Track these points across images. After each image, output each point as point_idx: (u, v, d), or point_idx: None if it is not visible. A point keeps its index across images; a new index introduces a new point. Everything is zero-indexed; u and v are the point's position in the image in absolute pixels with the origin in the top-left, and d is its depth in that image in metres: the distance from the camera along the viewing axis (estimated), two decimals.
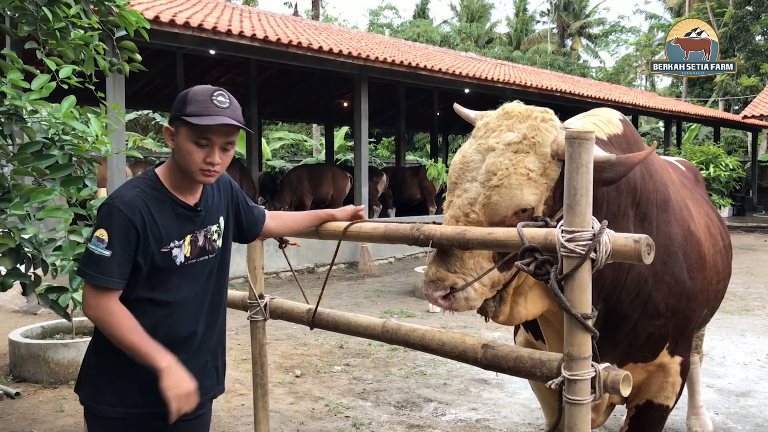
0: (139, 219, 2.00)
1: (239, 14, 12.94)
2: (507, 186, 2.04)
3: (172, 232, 2.08)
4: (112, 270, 1.97)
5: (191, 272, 2.14)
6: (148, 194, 2.06)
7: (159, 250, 2.04)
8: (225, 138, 2.05)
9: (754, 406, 4.84)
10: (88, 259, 1.99)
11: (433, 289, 2.10)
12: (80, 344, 5.31)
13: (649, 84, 47.45)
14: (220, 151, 2.05)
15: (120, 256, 1.98)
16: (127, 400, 2.09)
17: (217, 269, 2.24)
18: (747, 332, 7.15)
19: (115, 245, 1.97)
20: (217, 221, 2.22)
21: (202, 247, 2.16)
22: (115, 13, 2.96)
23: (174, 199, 2.10)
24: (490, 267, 2.08)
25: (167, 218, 2.07)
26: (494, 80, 14.50)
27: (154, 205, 2.05)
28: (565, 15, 46.45)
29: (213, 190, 2.24)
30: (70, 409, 4.75)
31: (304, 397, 5.06)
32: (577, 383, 1.80)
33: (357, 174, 12.74)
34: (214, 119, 1.98)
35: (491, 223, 2.08)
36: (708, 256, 2.57)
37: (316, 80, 17.73)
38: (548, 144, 2.07)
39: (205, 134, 2.01)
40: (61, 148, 2.71)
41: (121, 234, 1.98)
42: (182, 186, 2.11)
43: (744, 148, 31.20)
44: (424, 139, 32.47)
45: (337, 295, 9.42)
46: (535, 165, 2.06)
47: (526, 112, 2.16)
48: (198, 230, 2.15)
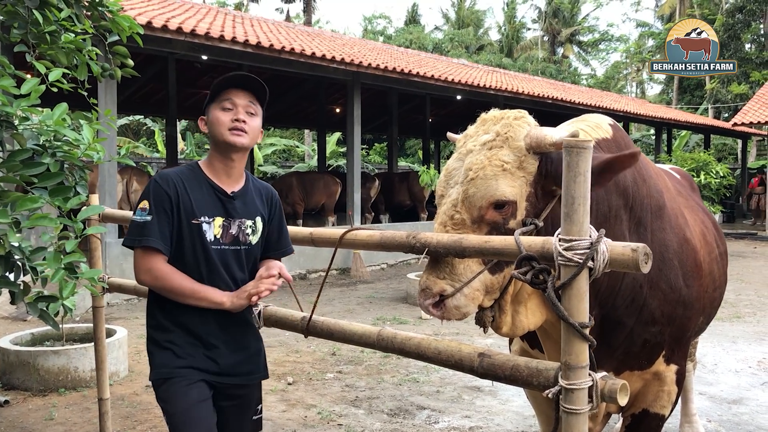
0: (173, 190, 2.25)
1: (231, 20, 12.92)
2: (482, 177, 2.08)
3: (204, 208, 2.28)
4: (155, 232, 2.21)
5: (223, 257, 2.31)
6: (185, 174, 2.32)
7: (190, 221, 2.25)
8: (246, 99, 2.30)
9: (746, 413, 4.84)
10: (134, 228, 2.24)
11: (424, 297, 2.09)
12: (70, 351, 5.26)
13: (640, 91, 47.80)
14: (245, 114, 2.29)
15: (160, 220, 2.22)
16: (172, 361, 2.29)
17: (250, 264, 2.40)
18: (738, 339, 7.17)
19: (155, 212, 2.23)
20: (253, 218, 2.38)
21: (235, 236, 2.33)
22: (108, 19, 2.94)
23: (209, 182, 2.32)
24: (479, 270, 2.06)
25: (200, 195, 2.29)
26: (486, 87, 14.54)
27: (190, 183, 2.30)
28: (555, 22, 46.69)
29: (254, 191, 2.42)
30: (60, 417, 4.70)
31: (296, 404, 5.03)
32: (574, 392, 1.78)
33: (349, 180, 12.73)
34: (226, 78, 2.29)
35: (472, 219, 2.09)
36: (704, 263, 2.57)
37: (308, 86, 17.73)
38: (521, 138, 2.11)
39: (226, 97, 2.28)
40: (52, 155, 2.68)
41: (158, 202, 2.23)
42: (220, 173, 2.33)
43: (734, 156, 31.40)
44: (416, 145, 32.50)
45: (330, 302, 9.38)
46: (510, 158, 2.09)
47: (500, 115, 2.22)
48: (232, 218, 2.32)
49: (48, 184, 2.60)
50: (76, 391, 5.24)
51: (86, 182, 2.73)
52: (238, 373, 2.38)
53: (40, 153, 2.65)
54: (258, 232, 2.39)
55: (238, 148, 2.31)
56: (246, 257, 2.37)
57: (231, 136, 2.27)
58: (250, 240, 2.37)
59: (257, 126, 2.36)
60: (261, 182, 2.52)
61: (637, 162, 2.08)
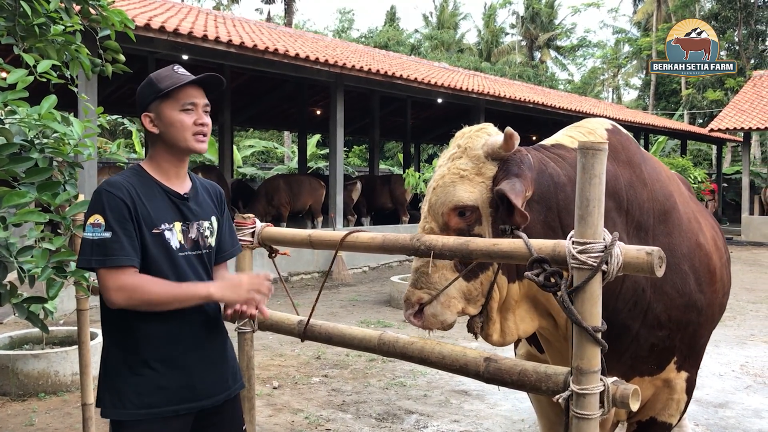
0: (128, 196, 2.00)
1: (213, 20, 12.80)
2: (442, 186, 2.18)
3: (161, 214, 2.07)
4: (118, 248, 1.94)
5: (190, 265, 2.12)
6: (133, 179, 2.08)
7: (151, 232, 2.03)
8: (204, 99, 2.13)
9: (733, 417, 4.87)
10: (88, 248, 1.95)
11: (405, 308, 2.19)
12: (51, 355, 5.14)
13: (616, 97, 48.31)
14: (205, 115, 2.12)
15: (121, 233, 1.96)
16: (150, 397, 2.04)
17: (210, 268, 2.22)
18: (720, 343, 7.23)
19: (113, 224, 1.96)
20: (209, 219, 2.21)
21: (195, 241, 2.14)
22: (99, 13, 2.86)
23: (161, 185, 2.11)
24: (453, 278, 2.13)
25: (155, 201, 2.07)
26: (469, 91, 14.56)
27: (141, 190, 2.06)
28: (533, 27, 47.02)
29: (203, 190, 2.25)
30: (40, 422, 4.57)
31: (282, 409, 4.95)
32: (585, 397, 1.75)
33: (332, 182, 12.65)
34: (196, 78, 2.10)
35: (439, 227, 2.18)
36: (717, 269, 2.55)
37: (289, 87, 17.61)
38: (479, 147, 2.20)
39: (186, 96, 2.08)
40: (41, 150, 2.59)
41: (116, 214, 1.97)
42: (169, 173, 2.13)
43: (708, 161, 31.85)
44: (395, 147, 32.49)
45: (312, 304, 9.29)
46: (468, 165, 2.18)
47: (467, 130, 2.31)
48: (190, 222, 2.14)
49: (36, 180, 2.52)
50: (57, 396, 5.11)
51: (76, 180, 2.64)
52: (218, 391, 2.18)
53: (27, 148, 2.57)
54: (215, 233, 2.22)
55: (199, 153, 2.16)
56: (208, 261, 2.19)
57: (196, 143, 2.09)
58: (209, 242, 2.19)
59: (210, 125, 2.18)
60: (206, 180, 2.35)
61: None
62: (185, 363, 2.09)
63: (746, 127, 19.39)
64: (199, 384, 2.11)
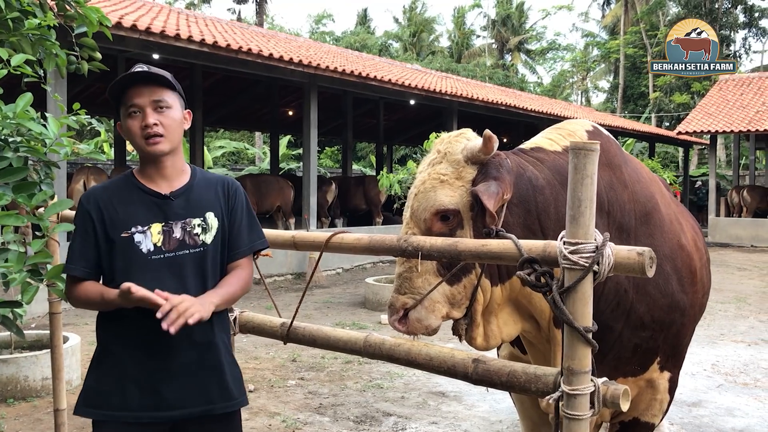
0: (94, 207, 2.08)
1: (185, 19, 12.65)
2: (423, 191, 2.20)
3: (134, 217, 2.07)
4: (75, 258, 2.08)
5: (170, 266, 2.06)
6: (117, 184, 2.15)
7: (120, 236, 2.05)
8: (150, 97, 2.04)
9: (707, 415, 4.94)
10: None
11: (390, 314, 2.20)
12: (20, 360, 5.01)
13: (585, 99, 48.94)
14: (154, 113, 2.05)
15: (81, 244, 2.09)
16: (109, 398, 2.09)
17: (210, 267, 2.11)
18: (692, 343, 7.30)
19: (77, 235, 2.10)
20: (202, 215, 2.12)
21: (181, 240, 2.08)
22: (75, 10, 2.79)
23: (140, 187, 2.11)
24: (437, 282, 2.14)
25: (130, 204, 2.09)
26: (442, 92, 14.60)
27: (118, 194, 2.11)
28: (503, 30, 47.38)
29: (203, 185, 2.17)
30: (9, 429, 4.46)
31: (259, 412, 4.90)
32: (576, 398, 1.75)
33: (306, 183, 12.58)
34: (120, 78, 2.05)
35: (421, 232, 2.19)
36: (698, 269, 2.58)
37: (261, 88, 17.49)
38: (459, 152, 2.22)
39: (128, 100, 2.05)
40: (15, 150, 2.51)
41: (80, 224, 2.10)
42: (152, 175, 2.12)
43: (675, 163, 32.39)
44: (367, 148, 32.46)
45: (287, 307, 9.22)
46: (448, 170, 2.20)
47: (446, 136, 2.34)
48: (173, 221, 2.08)
49: (10, 180, 2.44)
50: (26, 402, 4.99)
51: (52, 180, 2.57)
52: (192, 404, 2.06)
53: (1, 147, 2.49)
54: (212, 229, 2.12)
55: (164, 154, 2.09)
56: (202, 260, 2.09)
57: (148, 146, 2.05)
58: (202, 240, 2.09)
59: (177, 118, 2.08)
60: (215, 174, 2.26)
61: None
62: (150, 369, 2.04)
63: (713, 130, 19.77)
64: (166, 392, 2.04)
